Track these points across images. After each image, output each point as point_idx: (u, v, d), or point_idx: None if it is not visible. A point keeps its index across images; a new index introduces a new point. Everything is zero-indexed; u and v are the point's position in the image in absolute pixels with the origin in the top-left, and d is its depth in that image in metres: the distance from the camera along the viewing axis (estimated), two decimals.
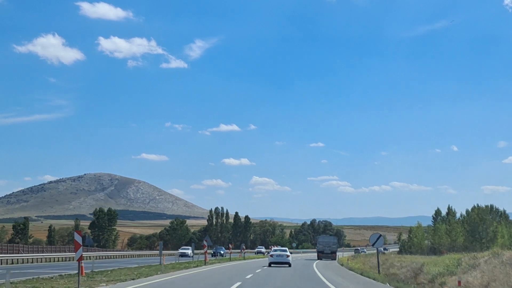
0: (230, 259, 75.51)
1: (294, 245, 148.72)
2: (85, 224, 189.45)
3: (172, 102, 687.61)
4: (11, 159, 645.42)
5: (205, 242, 63.22)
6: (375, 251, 53.50)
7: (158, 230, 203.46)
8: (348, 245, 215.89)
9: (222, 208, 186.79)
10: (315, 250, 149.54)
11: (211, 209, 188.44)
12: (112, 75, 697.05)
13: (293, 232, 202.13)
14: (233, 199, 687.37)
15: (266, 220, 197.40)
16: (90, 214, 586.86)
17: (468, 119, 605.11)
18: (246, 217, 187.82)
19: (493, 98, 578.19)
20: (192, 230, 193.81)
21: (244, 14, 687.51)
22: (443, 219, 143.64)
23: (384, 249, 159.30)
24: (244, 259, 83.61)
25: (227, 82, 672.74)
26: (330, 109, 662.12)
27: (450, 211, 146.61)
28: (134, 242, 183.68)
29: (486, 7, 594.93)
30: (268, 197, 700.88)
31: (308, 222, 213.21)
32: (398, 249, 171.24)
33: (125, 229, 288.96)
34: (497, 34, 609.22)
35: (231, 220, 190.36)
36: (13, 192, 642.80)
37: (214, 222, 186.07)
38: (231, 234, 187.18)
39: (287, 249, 64.12)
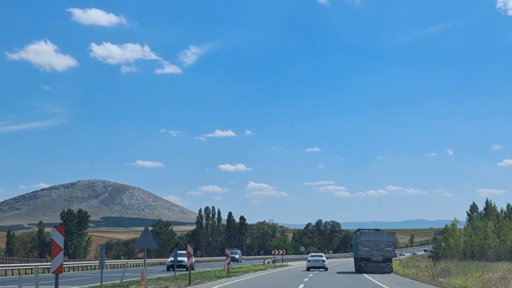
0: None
1: (302, 249, 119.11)
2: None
3: (167, 108, 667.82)
4: (6, 167, 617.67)
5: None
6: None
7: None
8: None
9: (213, 207, 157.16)
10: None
11: (200, 209, 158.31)
12: (106, 81, 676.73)
13: (296, 235, 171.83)
14: (230, 205, 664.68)
15: (264, 222, 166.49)
16: None
17: (463, 122, 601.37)
18: (242, 218, 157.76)
19: (488, 101, 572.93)
20: (178, 234, 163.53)
21: (239, 20, 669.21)
22: (481, 216, 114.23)
23: (400, 254, 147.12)
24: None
25: (222, 88, 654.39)
26: (326, 114, 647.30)
27: (490, 206, 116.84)
28: (110, 249, 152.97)
29: (480, 11, 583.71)
30: (265, 202, 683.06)
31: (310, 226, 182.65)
32: (424, 253, 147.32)
33: (110, 235, 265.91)
34: (491, 38, 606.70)
35: (224, 222, 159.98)
36: (5, 200, 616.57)
37: (204, 225, 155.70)
38: (225, 238, 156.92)
39: (323, 254, 62.05)
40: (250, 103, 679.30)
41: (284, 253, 71.04)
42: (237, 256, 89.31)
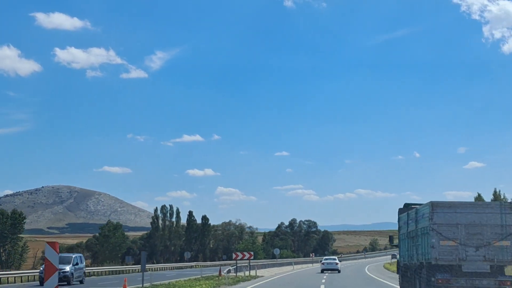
0: None
1: (277, 251, 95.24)
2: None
3: (133, 113, 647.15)
4: None
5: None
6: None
7: None
8: (336, 252, 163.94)
9: (170, 206, 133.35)
10: (300, 259, 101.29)
11: (156, 208, 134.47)
12: (71, 86, 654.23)
13: (267, 237, 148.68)
14: (199, 210, 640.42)
15: (230, 222, 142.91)
16: (48, 228, 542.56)
17: (428, 125, 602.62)
18: (204, 218, 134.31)
19: (453, 104, 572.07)
20: (131, 238, 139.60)
21: (205, 25, 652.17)
22: None
23: (393, 255, 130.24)
24: None
25: (189, 93, 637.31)
26: (293, 118, 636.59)
27: (498, 198, 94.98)
28: None
29: (444, 15, 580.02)
30: (234, 207, 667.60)
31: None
32: None
33: (69, 240, 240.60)
34: (455, 42, 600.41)
35: (184, 223, 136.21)
36: None
37: (161, 226, 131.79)
38: (185, 241, 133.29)
39: (336, 257, 68.90)
40: (218, 108, 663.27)
41: (252, 257, 46.28)
42: None
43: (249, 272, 47.84)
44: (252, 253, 46.81)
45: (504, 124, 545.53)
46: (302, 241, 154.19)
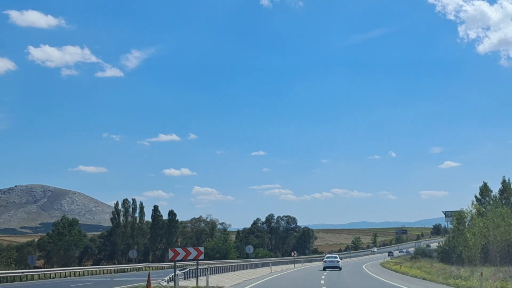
0: None
1: (250, 249, 76.11)
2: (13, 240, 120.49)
3: (109, 112, 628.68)
4: None
5: None
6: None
7: None
8: (316, 251, 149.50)
9: (133, 200, 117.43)
10: (279, 259, 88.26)
11: (117, 202, 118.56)
12: (46, 84, 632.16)
13: (241, 235, 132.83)
14: (176, 209, 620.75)
15: (200, 217, 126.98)
16: (21, 227, 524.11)
17: (404, 125, 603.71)
18: (171, 213, 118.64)
19: (428, 104, 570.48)
20: (89, 236, 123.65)
21: (181, 23, 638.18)
22: (496, 201, 78.26)
23: (390, 253, 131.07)
24: None
25: (165, 91, 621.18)
26: (270, 117, 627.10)
27: (508, 188, 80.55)
28: None
29: (419, 16, 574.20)
30: (211, 206, 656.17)
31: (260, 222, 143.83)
32: (405, 254, 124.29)
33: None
34: (430, 42, 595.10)
35: (149, 219, 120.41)
36: None
37: (122, 222, 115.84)
38: (149, 239, 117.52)
39: (337, 256, 71.97)
40: (194, 107, 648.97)
41: (201, 256, 28.36)
42: None
43: (197, 281, 31.70)
44: (201, 249, 29.56)
45: (479, 124, 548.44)
46: (280, 238, 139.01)
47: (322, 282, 35.18)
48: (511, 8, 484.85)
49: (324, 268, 60.71)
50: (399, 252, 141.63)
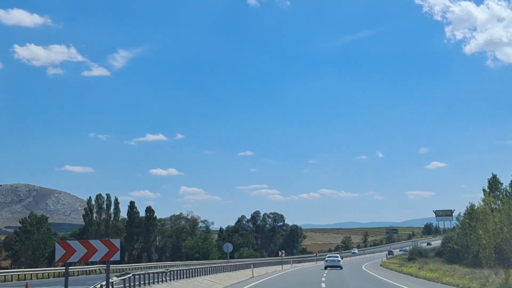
0: None
1: (228, 248, 61.84)
2: None
3: (95, 112, 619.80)
4: None
5: None
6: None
7: None
8: (305, 251, 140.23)
9: (108, 195, 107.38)
10: (264, 259, 79.45)
11: (90, 197, 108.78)
12: (32, 84, 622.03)
13: (224, 233, 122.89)
14: (163, 210, 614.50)
15: (181, 214, 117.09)
16: (5, 227, 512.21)
17: (392, 126, 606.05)
18: (149, 210, 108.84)
19: (415, 105, 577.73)
20: (60, 234, 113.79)
21: (169, 23, 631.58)
22: (507, 193, 69.35)
23: (390, 252, 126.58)
24: None
25: (152, 91, 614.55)
26: (258, 118, 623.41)
27: None
28: None
29: (407, 17, 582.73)
30: (198, 206, 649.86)
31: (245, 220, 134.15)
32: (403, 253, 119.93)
33: None
34: (418, 43, 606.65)
35: (125, 215, 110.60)
36: None
37: (95, 219, 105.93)
38: (125, 237, 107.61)
39: (338, 255, 73.05)
40: (181, 107, 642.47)
41: (113, 256, 18.75)
42: None
43: None
44: (115, 243, 18.30)
45: (466, 124, 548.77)
46: (266, 237, 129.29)
47: None
48: (498, 9, 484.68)
49: (326, 267, 62.00)
50: (400, 250, 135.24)
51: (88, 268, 71.30)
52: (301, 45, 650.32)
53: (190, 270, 33.64)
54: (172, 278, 29.74)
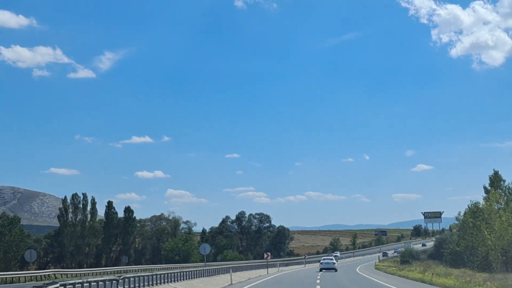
0: None
1: (206, 250, 54.65)
2: None
3: (81, 114, 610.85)
4: None
5: None
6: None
7: None
8: (292, 253, 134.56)
9: (84, 195, 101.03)
10: (247, 262, 74.78)
11: (65, 197, 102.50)
12: (17, 85, 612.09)
13: (207, 235, 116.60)
14: (148, 212, 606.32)
15: (162, 215, 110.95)
16: None
17: (378, 128, 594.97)
18: (128, 210, 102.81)
19: (401, 108, 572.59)
20: (33, 236, 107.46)
21: (155, 25, 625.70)
22: (510, 191, 63.59)
23: (384, 254, 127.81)
24: None
25: (138, 93, 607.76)
26: (244, 120, 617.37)
27: None
28: None
29: (392, 19, 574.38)
30: (184, 209, 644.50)
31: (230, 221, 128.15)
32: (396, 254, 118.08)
33: None
34: (404, 45, 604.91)
35: (102, 216, 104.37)
36: None
37: (71, 220, 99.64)
38: (103, 239, 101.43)
39: (333, 257, 71.59)
40: (167, 109, 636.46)
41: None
42: None
43: None
44: None
45: (452, 127, 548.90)
46: (252, 239, 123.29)
47: None
48: (483, 12, 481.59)
49: (321, 270, 62.16)
50: (394, 252, 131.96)
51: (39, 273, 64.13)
52: (287, 48, 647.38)
53: (153, 277, 27.59)
54: (132, 287, 23.92)
